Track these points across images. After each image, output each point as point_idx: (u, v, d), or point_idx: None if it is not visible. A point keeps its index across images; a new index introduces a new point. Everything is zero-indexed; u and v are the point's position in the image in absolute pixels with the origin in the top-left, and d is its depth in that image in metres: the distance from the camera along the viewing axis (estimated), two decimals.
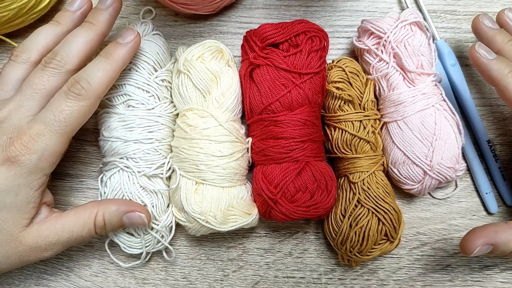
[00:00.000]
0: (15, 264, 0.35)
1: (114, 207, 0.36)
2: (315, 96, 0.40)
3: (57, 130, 0.33)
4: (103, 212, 0.36)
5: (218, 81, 0.39)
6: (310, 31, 0.40)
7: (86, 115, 0.35)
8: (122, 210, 0.36)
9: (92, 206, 0.36)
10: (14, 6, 0.41)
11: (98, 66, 0.35)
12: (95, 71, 0.35)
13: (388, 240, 0.39)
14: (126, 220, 0.37)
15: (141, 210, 0.37)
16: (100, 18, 0.36)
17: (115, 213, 0.36)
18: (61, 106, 0.33)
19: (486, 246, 0.35)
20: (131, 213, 0.36)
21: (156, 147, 0.39)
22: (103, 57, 0.36)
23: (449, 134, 0.39)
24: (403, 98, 0.40)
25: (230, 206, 0.39)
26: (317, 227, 0.44)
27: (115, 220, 0.36)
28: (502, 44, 0.38)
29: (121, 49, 0.36)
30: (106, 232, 0.37)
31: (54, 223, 0.35)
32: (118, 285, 0.43)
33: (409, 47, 0.40)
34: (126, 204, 0.37)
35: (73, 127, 0.34)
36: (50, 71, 0.35)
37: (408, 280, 0.43)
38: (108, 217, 0.36)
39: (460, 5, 0.47)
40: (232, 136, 0.39)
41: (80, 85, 0.34)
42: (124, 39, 0.36)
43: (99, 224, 0.36)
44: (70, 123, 0.33)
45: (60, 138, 0.33)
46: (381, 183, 0.39)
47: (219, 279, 0.43)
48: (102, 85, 0.35)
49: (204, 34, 0.47)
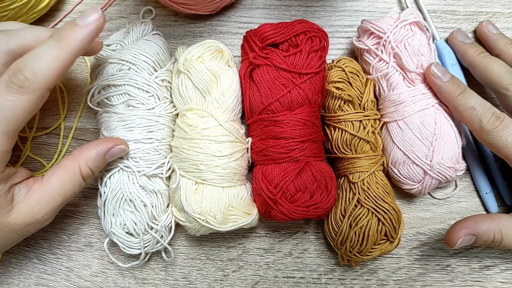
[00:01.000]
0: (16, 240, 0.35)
1: (93, 154, 0.35)
2: (315, 96, 0.40)
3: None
4: (85, 163, 0.35)
5: (218, 81, 0.39)
6: (310, 31, 0.40)
7: (32, 110, 0.30)
8: (102, 151, 0.36)
9: (72, 162, 0.35)
10: (14, 6, 0.41)
11: (47, 51, 0.29)
12: (44, 57, 0.29)
13: (388, 240, 0.39)
14: (108, 158, 0.37)
15: (118, 142, 0.37)
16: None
17: (96, 159, 0.36)
18: (0, 101, 0.29)
19: (469, 236, 0.36)
20: (110, 150, 0.36)
21: (156, 147, 0.39)
22: (55, 40, 0.29)
23: (449, 134, 0.39)
24: (403, 98, 0.40)
25: (230, 206, 0.39)
26: (317, 227, 0.44)
27: (99, 163, 0.36)
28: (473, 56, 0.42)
29: (78, 32, 0.29)
30: (95, 175, 0.37)
31: (42, 194, 0.34)
32: (118, 285, 0.43)
33: (409, 47, 0.40)
34: (102, 144, 0.36)
35: (17, 124, 0.30)
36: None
37: (408, 280, 0.43)
38: (92, 165, 0.36)
39: (460, 5, 0.47)
40: (232, 136, 0.39)
41: (23, 75, 0.28)
42: (84, 20, 0.30)
43: (87, 174, 0.36)
44: (12, 121, 0.29)
45: (3, 138, 0.30)
46: (381, 183, 0.39)
47: (219, 279, 0.43)
48: (50, 75, 0.29)
49: (204, 34, 0.47)
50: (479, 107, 0.37)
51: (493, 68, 0.40)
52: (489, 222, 0.37)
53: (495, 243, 0.37)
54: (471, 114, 0.37)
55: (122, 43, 0.41)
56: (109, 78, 0.39)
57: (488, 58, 0.41)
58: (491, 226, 0.36)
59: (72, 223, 0.44)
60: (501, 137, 0.36)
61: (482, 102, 0.38)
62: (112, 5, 0.47)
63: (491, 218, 0.37)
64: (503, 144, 0.36)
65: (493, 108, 0.37)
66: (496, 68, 0.40)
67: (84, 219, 0.44)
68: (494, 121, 0.37)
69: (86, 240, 0.44)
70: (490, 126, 0.36)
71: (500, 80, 0.39)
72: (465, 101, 0.38)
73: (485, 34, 0.44)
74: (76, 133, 0.45)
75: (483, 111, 0.37)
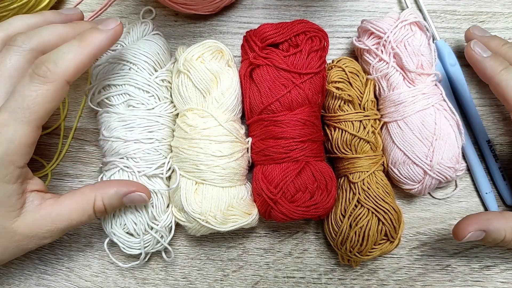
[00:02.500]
0: (14, 253, 0.34)
1: (113, 191, 0.35)
2: (315, 96, 0.40)
3: (21, 118, 0.31)
4: (102, 198, 0.35)
5: (218, 81, 0.39)
6: (310, 31, 0.40)
7: (52, 101, 0.32)
8: (122, 192, 0.35)
9: (90, 191, 0.35)
10: (14, 6, 0.41)
11: (69, 48, 0.32)
12: (65, 52, 0.32)
13: (388, 240, 0.39)
14: (126, 200, 0.36)
15: (140, 189, 0.36)
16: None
17: (114, 197, 0.35)
18: (24, 91, 0.31)
19: (479, 232, 0.35)
20: (131, 194, 0.36)
21: (156, 147, 0.39)
22: (77, 40, 0.33)
23: (449, 134, 0.39)
24: (403, 98, 0.40)
25: (230, 206, 0.39)
26: (317, 227, 0.44)
27: (115, 203, 0.36)
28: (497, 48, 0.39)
29: (99, 35, 0.33)
30: (107, 214, 0.37)
31: (50, 212, 0.34)
32: (118, 285, 0.43)
33: (409, 47, 0.40)
34: (125, 185, 0.36)
35: (39, 115, 0.31)
36: (13, 49, 0.33)
37: (408, 280, 0.43)
38: (108, 202, 0.35)
39: (460, 5, 0.47)
40: (232, 136, 0.39)
41: (45, 66, 0.31)
42: (105, 26, 0.34)
43: (100, 209, 0.35)
44: (34, 110, 0.31)
45: (26, 128, 0.31)
46: (381, 183, 0.39)
47: (219, 279, 0.43)
48: (70, 68, 0.31)
49: (204, 34, 0.47)
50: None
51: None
52: (502, 221, 0.36)
53: (504, 243, 0.36)
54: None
55: (122, 43, 0.41)
56: (109, 78, 0.39)
57: None
58: (503, 225, 0.35)
59: None
60: None
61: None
62: (112, 5, 0.47)
63: (503, 217, 0.36)
64: None
65: None
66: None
67: None
68: None
69: (86, 240, 0.44)
70: None
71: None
72: (509, 77, 0.36)
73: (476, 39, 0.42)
74: (76, 133, 0.45)
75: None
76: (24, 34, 0.33)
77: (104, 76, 0.39)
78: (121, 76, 0.39)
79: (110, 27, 0.34)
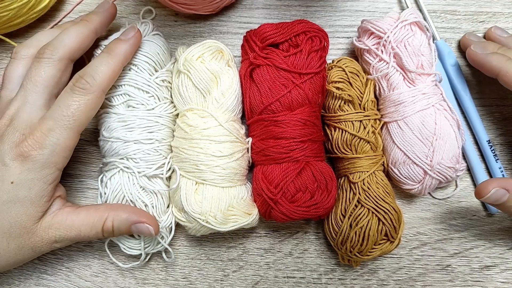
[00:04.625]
0: (28, 255, 0.36)
1: (124, 216, 0.37)
2: (315, 96, 0.40)
3: (66, 124, 0.34)
4: (112, 219, 0.36)
5: (218, 81, 0.39)
6: (310, 31, 0.40)
7: (92, 109, 0.36)
8: (132, 220, 0.37)
9: (104, 210, 0.37)
10: (14, 6, 0.41)
11: (101, 61, 0.36)
12: (99, 65, 0.36)
13: (388, 240, 0.39)
14: (134, 229, 0.37)
15: (150, 222, 0.37)
16: (94, 17, 0.39)
17: (124, 222, 0.37)
18: (68, 101, 0.34)
19: (502, 191, 0.34)
20: (140, 224, 0.37)
21: (156, 148, 0.39)
22: (106, 52, 0.37)
23: (449, 134, 0.39)
24: (403, 98, 0.40)
25: (230, 206, 0.39)
26: (317, 227, 0.44)
27: (123, 228, 0.37)
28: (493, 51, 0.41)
29: (123, 45, 0.37)
30: (113, 236, 0.38)
31: (65, 218, 0.36)
32: (118, 285, 0.43)
33: (409, 47, 0.40)
34: (137, 214, 0.37)
35: (81, 121, 0.35)
36: (44, 61, 0.36)
37: (408, 280, 0.43)
38: (117, 224, 0.37)
39: (460, 5, 0.47)
40: (232, 136, 0.39)
41: (84, 80, 0.35)
42: (126, 35, 0.38)
43: (108, 229, 0.37)
44: (78, 117, 0.34)
45: (69, 133, 0.34)
46: (381, 183, 0.39)
47: (219, 279, 0.43)
48: (106, 79, 0.36)
49: (204, 34, 0.47)
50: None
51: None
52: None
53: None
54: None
55: None
56: None
57: None
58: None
59: None
60: None
61: None
62: None
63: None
64: None
65: None
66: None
67: None
68: None
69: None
70: None
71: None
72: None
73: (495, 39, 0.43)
74: None
75: None
76: (50, 45, 0.36)
77: None
78: (121, 76, 0.39)
79: (130, 36, 0.38)
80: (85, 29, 0.38)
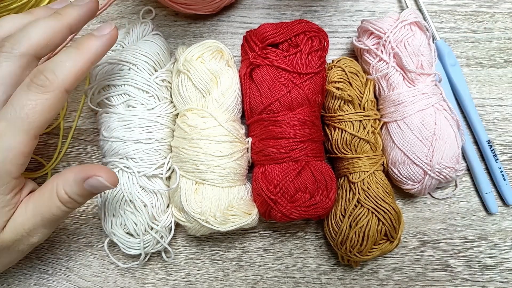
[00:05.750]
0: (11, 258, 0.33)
1: (71, 177, 0.31)
2: (315, 96, 0.40)
3: (19, 128, 0.29)
4: (62, 185, 0.32)
5: (218, 81, 0.39)
6: (310, 31, 0.40)
7: (51, 110, 0.31)
8: (80, 177, 0.31)
9: (53, 179, 0.32)
10: (14, 6, 0.41)
11: (67, 56, 0.32)
12: (63, 61, 0.31)
13: (388, 240, 0.39)
14: (87, 187, 0.32)
15: (100, 172, 0.32)
16: (69, 11, 0.34)
17: (73, 184, 0.31)
18: (22, 101, 0.30)
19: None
20: (90, 179, 0.31)
21: (156, 147, 0.39)
22: (74, 47, 0.32)
23: (449, 134, 0.39)
24: (403, 98, 0.40)
25: (230, 206, 0.39)
26: (317, 227, 0.44)
27: (78, 191, 0.32)
28: None
29: (95, 41, 0.33)
30: (79, 205, 0.33)
31: (25, 210, 0.32)
32: (118, 285, 0.43)
33: (409, 47, 0.40)
34: (83, 170, 0.32)
35: (38, 124, 0.30)
36: (3, 55, 0.31)
37: (408, 280, 0.43)
38: (69, 190, 0.31)
39: (460, 5, 0.47)
40: (232, 136, 0.39)
41: (44, 76, 0.30)
42: (100, 32, 0.33)
43: (64, 199, 0.32)
44: (34, 119, 0.30)
45: (24, 137, 0.30)
46: (381, 183, 0.39)
47: (219, 279, 0.43)
48: (70, 77, 0.31)
49: (204, 34, 0.47)
50: None
51: None
52: None
53: None
54: None
55: (122, 43, 0.41)
56: (109, 78, 0.39)
57: None
58: None
59: (72, 223, 0.44)
60: None
61: None
62: (112, 5, 0.47)
63: None
64: None
65: None
66: None
67: (84, 219, 0.44)
68: None
69: (86, 240, 0.44)
70: None
71: None
72: None
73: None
74: (76, 133, 0.45)
75: None
76: (12, 38, 0.32)
77: (103, 76, 0.39)
78: (120, 76, 0.39)
79: (105, 32, 0.33)
80: (57, 23, 0.32)
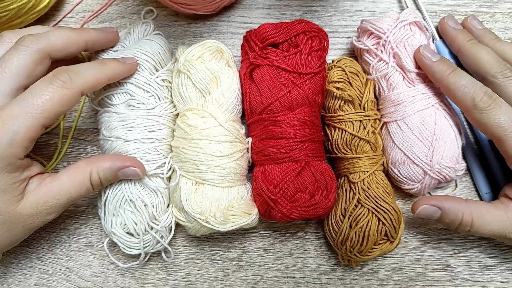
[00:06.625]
0: (21, 233, 0.35)
1: (107, 165, 0.37)
2: (315, 96, 0.40)
3: (31, 113, 0.32)
4: (97, 171, 0.36)
5: (218, 81, 0.39)
6: (310, 31, 0.40)
7: (64, 105, 0.34)
8: (116, 166, 0.37)
9: (85, 165, 0.37)
10: (14, 6, 0.41)
11: (91, 66, 0.36)
12: (86, 68, 0.35)
13: (388, 240, 0.39)
14: (121, 175, 0.37)
15: (135, 164, 0.37)
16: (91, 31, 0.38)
17: (109, 171, 0.37)
18: (41, 90, 0.33)
19: (433, 208, 0.37)
20: (125, 168, 0.37)
21: (156, 147, 0.39)
22: (98, 62, 0.37)
23: (449, 134, 0.39)
24: (403, 98, 0.40)
25: (230, 206, 0.39)
26: (317, 227, 0.44)
27: (110, 177, 0.37)
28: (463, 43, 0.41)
29: (118, 64, 0.38)
30: (103, 186, 0.38)
31: (50, 188, 0.35)
32: (118, 285, 0.43)
33: (408, 47, 0.40)
34: (120, 160, 0.37)
35: (49, 114, 0.33)
36: (21, 48, 0.34)
37: (408, 280, 0.43)
38: (103, 175, 0.37)
39: (460, 5, 0.47)
40: (232, 136, 0.39)
41: (67, 74, 0.34)
42: (124, 60, 0.38)
43: (96, 182, 0.37)
44: (46, 109, 0.32)
45: (34, 123, 0.32)
46: (381, 183, 0.39)
47: (219, 279, 0.43)
48: (89, 81, 0.35)
49: (204, 34, 0.47)
50: (471, 85, 0.37)
51: (482, 55, 0.39)
52: (460, 203, 0.37)
53: (465, 227, 0.37)
54: (464, 92, 0.37)
55: (123, 44, 0.41)
56: None
57: (477, 46, 0.40)
58: (461, 207, 0.37)
59: (72, 223, 0.44)
60: (494, 116, 0.36)
61: (474, 80, 0.37)
62: (112, 5, 0.47)
63: (464, 201, 0.38)
64: (496, 123, 0.36)
65: (485, 87, 0.37)
66: (485, 55, 0.39)
67: (84, 219, 0.44)
68: (487, 99, 0.36)
69: (86, 240, 0.44)
70: (483, 104, 0.36)
71: (488, 68, 0.39)
72: (456, 79, 0.37)
73: (469, 30, 0.43)
74: (76, 133, 0.46)
75: (476, 89, 0.37)
76: (33, 35, 0.35)
77: None
78: None
79: (128, 61, 0.38)
80: (76, 35, 0.37)
